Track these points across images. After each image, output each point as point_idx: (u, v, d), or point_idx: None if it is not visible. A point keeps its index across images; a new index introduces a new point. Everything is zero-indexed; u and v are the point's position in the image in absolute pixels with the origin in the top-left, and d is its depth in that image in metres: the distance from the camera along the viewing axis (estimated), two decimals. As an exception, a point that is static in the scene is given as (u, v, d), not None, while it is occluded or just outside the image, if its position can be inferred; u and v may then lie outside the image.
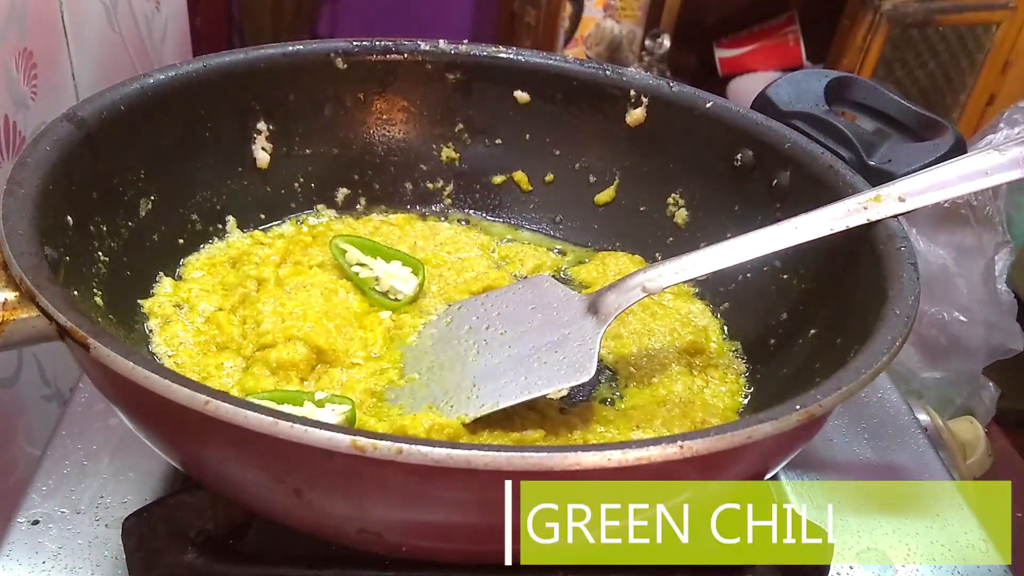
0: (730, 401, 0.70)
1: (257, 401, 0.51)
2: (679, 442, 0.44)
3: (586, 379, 0.63)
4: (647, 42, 1.86)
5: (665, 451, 0.43)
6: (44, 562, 0.59)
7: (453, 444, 0.42)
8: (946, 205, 1.33)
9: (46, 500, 0.63)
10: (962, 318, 1.30)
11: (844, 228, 0.65)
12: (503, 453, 0.41)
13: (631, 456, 0.43)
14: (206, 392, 0.42)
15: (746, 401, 0.71)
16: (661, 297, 0.78)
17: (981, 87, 1.94)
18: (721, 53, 1.95)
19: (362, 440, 0.41)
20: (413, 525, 0.48)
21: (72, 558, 0.59)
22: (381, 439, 0.41)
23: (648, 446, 0.43)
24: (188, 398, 0.42)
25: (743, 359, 0.75)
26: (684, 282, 0.69)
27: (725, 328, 0.78)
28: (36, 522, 0.61)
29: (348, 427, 0.43)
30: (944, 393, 1.32)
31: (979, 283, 1.31)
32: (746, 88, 0.80)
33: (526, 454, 0.42)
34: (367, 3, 1.73)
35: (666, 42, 1.85)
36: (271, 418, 0.42)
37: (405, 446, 0.41)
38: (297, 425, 0.41)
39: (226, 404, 0.42)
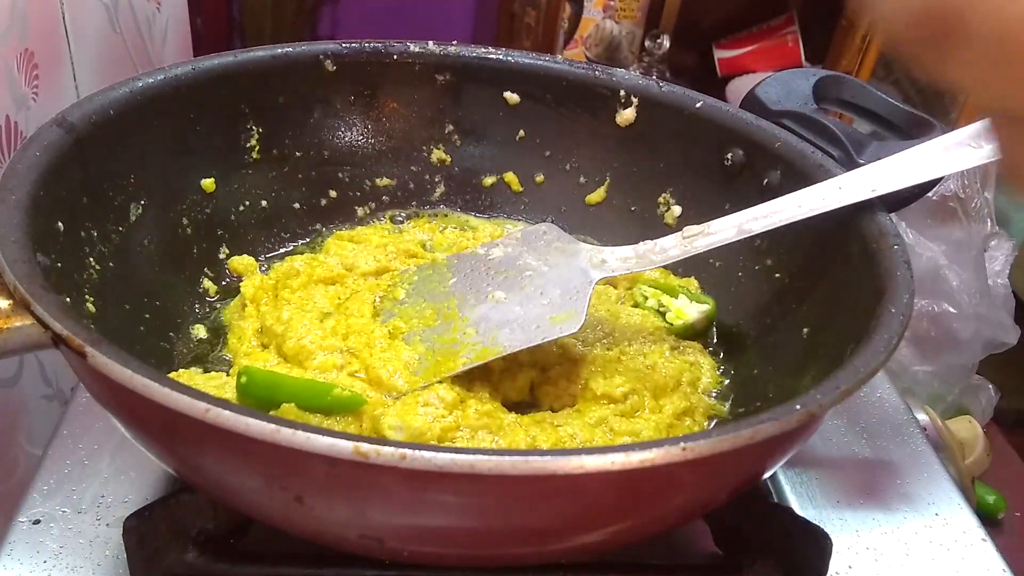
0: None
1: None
2: (682, 444, 0.44)
3: (574, 331, 0.65)
4: (646, 43, 1.86)
5: (669, 453, 0.43)
6: (45, 561, 0.59)
7: (456, 449, 0.41)
8: (934, 198, 1.33)
9: (47, 500, 0.63)
10: (952, 311, 1.31)
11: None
12: (507, 458, 0.41)
13: (635, 459, 0.43)
14: (206, 400, 0.42)
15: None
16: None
17: (980, 87, 1.94)
18: (720, 54, 1.95)
19: (365, 446, 0.40)
20: (415, 530, 0.48)
21: (73, 557, 0.59)
22: (384, 445, 0.41)
23: (651, 448, 0.43)
24: (188, 406, 0.42)
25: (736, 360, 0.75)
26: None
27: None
28: (37, 521, 0.61)
29: (351, 434, 0.42)
30: (936, 389, 1.33)
31: (970, 276, 1.32)
32: (745, 88, 0.81)
33: (530, 458, 0.42)
34: (367, 4, 1.73)
35: (665, 43, 1.85)
36: (273, 425, 0.41)
37: (409, 452, 0.41)
38: (299, 432, 0.41)
39: (227, 412, 0.41)
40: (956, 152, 0.64)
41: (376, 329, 0.70)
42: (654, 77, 1.02)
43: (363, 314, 0.71)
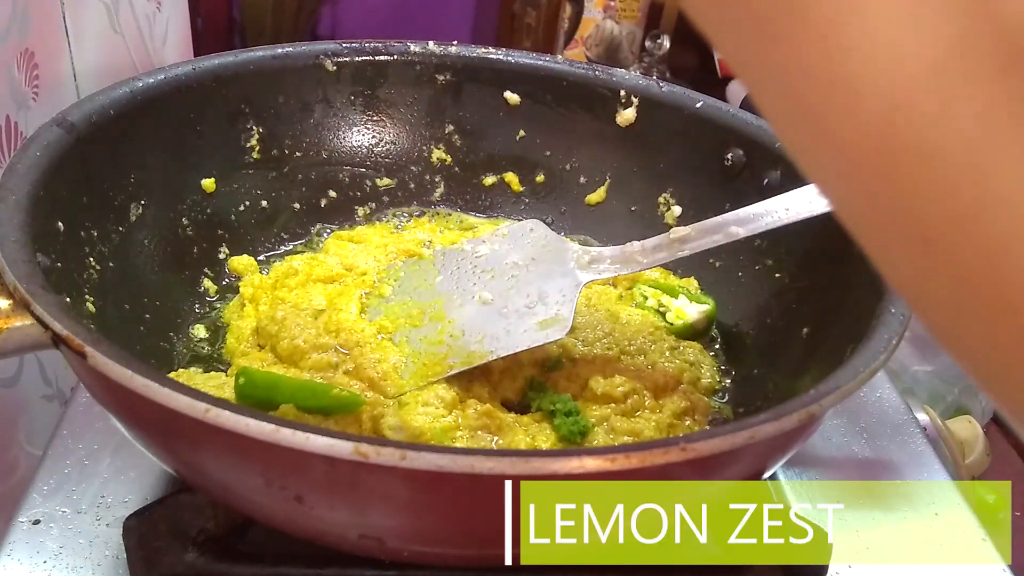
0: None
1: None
2: (682, 444, 0.44)
3: (560, 337, 0.66)
4: (647, 43, 1.86)
5: (668, 453, 0.43)
6: (45, 561, 0.59)
7: (456, 450, 0.42)
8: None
9: (47, 500, 0.63)
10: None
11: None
12: (507, 458, 0.41)
13: (635, 459, 0.43)
14: (206, 400, 0.42)
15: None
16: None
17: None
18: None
19: (365, 447, 0.41)
20: (414, 530, 0.48)
21: (73, 557, 0.59)
22: (384, 445, 0.41)
23: (651, 448, 0.43)
24: (188, 406, 0.42)
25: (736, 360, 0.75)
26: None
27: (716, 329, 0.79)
28: (37, 522, 0.61)
29: (350, 434, 0.42)
30: (936, 389, 1.33)
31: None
32: (745, 89, 0.82)
33: (530, 458, 0.42)
34: (367, 4, 1.72)
35: (666, 43, 1.85)
36: (272, 425, 0.41)
37: (409, 452, 0.41)
38: (299, 432, 0.41)
39: (227, 412, 0.41)
40: None
41: (365, 327, 0.70)
42: (654, 77, 1.02)
43: (350, 310, 0.72)
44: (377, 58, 0.85)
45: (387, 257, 0.80)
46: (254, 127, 0.81)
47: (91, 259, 0.64)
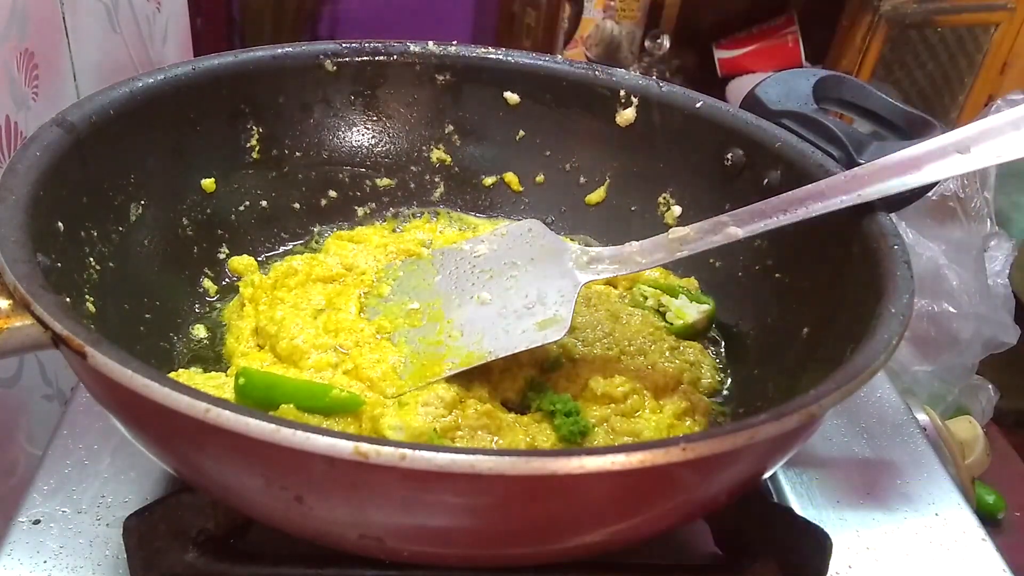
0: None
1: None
2: (682, 444, 0.44)
3: (559, 338, 0.65)
4: (646, 43, 1.86)
5: (669, 453, 0.43)
6: (45, 561, 0.59)
7: (456, 449, 0.42)
8: (934, 198, 1.33)
9: (47, 500, 0.63)
10: (952, 310, 1.31)
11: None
12: (507, 458, 0.41)
13: (635, 459, 0.43)
14: (207, 400, 0.42)
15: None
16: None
17: (980, 88, 1.95)
18: (720, 54, 1.95)
19: (365, 446, 0.40)
20: (414, 530, 0.48)
21: (73, 557, 0.59)
22: (384, 445, 0.41)
23: (651, 448, 0.43)
24: (188, 406, 0.42)
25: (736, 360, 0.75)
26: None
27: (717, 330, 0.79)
28: (37, 521, 0.61)
29: (350, 434, 0.42)
30: (936, 389, 1.33)
31: (970, 276, 1.32)
32: (745, 89, 0.82)
33: (530, 458, 0.42)
34: (367, 5, 1.73)
35: (666, 43, 1.85)
36: (272, 425, 0.41)
37: (409, 452, 0.41)
38: (299, 432, 0.41)
39: (227, 412, 0.41)
40: (944, 158, 0.64)
41: (364, 327, 0.70)
42: (654, 77, 1.02)
43: (349, 310, 0.72)
44: (377, 58, 0.85)
45: (387, 257, 0.80)
46: (254, 127, 0.81)
47: (91, 259, 0.64)
